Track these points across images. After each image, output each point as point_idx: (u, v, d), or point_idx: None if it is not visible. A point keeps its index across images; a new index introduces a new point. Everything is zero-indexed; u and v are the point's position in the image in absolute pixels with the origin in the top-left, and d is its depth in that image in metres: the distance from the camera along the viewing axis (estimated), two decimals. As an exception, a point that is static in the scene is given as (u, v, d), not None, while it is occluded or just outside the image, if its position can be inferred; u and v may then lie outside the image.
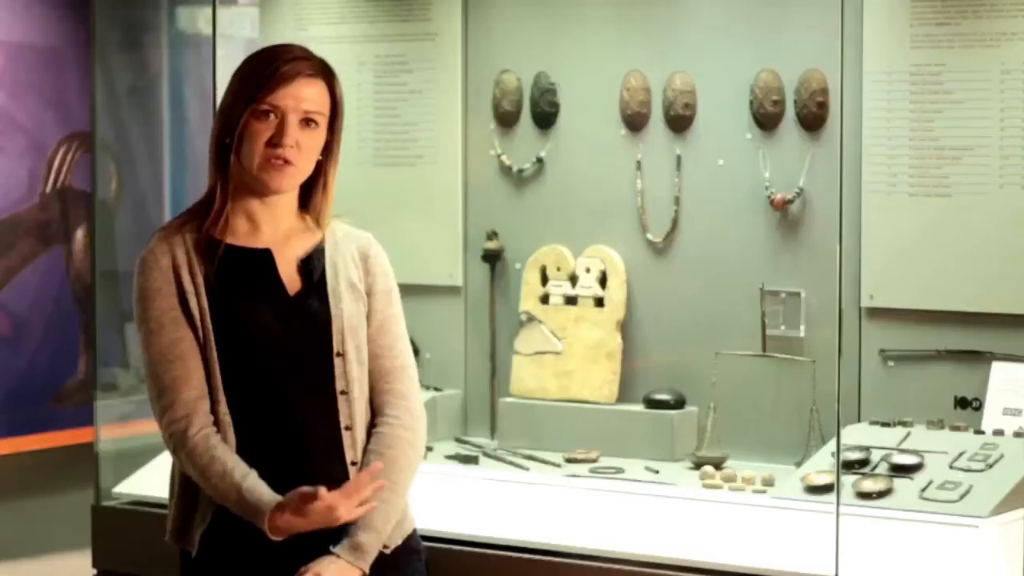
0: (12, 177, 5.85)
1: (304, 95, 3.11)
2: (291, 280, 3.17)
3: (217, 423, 3.09)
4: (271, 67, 3.11)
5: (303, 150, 3.12)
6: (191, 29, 5.32)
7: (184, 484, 3.14)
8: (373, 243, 3.28)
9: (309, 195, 3.21)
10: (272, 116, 3.10)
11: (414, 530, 3.25)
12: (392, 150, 4.72)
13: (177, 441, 3.08)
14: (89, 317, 5.48)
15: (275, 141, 3.09)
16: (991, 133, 3.90)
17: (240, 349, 3.10)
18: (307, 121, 3.12)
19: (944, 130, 3.96)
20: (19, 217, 5.87)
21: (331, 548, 3.06)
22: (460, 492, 3.97)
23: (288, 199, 3.19)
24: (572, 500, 3.84)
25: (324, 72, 3.16)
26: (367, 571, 3.08)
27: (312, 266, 3.18)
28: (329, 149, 3.18)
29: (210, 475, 3.05)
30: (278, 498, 3.03)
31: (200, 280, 3.10)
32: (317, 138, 3.14)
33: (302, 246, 3.20)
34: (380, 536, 3.10)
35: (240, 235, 3.16)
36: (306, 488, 2.99)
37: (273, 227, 3.18)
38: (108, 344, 4.71)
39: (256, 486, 3.04)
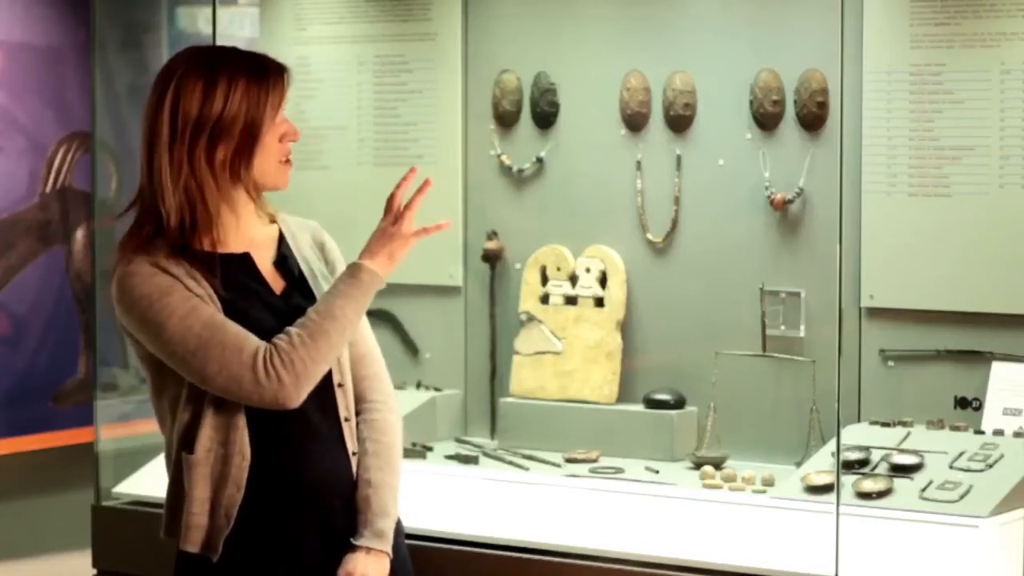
0: (12, 177, 5.83)
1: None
2: (274, 280, 3.16)
3: (230, 422, 3.07)
4: (272, 70, 3.10)
5: None
6: (191, 29, 5.31)
7: (203, 485, 3.06)
8: (322, 230, 3.30)
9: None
10: (280, 114, 3.11)
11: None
12: (392, 150, 4.72)
13: (273, 364, 2.98)
14: (89, 317, 5.47)
15: (291, 138, 3.12)
16: (991, 133, 3.90)
17: None
18: None
19: (944, 130, 3.96)
20: (19, 217, 5.84)
21: (353, 541, 3.09)
22: (460, 492, 3.97)
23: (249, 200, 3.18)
24: (572, 500, 3.84)
25: None
26: (391, 554, 3.12)
27: (288, 265, 3.18)
28: None
29: (321, 348, 3.03)
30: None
31: (208, 287, 3.07)
32: None
33: (268, 245, 3.18)
34: (393, 517, 3.15)
35: (215, 243, 3.11)
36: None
37: (236, 231, 3.13)
38: (108, 344, 4.70)
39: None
